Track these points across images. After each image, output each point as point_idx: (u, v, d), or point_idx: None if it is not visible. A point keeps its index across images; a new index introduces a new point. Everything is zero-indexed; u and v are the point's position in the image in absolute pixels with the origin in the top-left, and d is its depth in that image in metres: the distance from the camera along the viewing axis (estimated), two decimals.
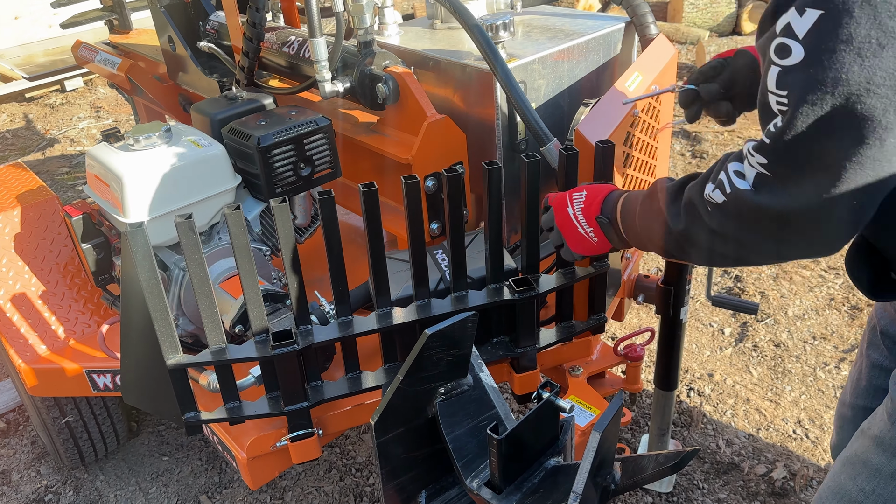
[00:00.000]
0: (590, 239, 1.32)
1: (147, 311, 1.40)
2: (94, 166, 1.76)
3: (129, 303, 1.44)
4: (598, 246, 1.33)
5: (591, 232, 1.31)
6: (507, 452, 1.16)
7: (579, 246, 1.35)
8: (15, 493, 2.43)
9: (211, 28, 2.60)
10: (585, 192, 1.34)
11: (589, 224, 1.31)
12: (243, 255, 1.41)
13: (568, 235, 1.35)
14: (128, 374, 1.58)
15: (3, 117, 5.91)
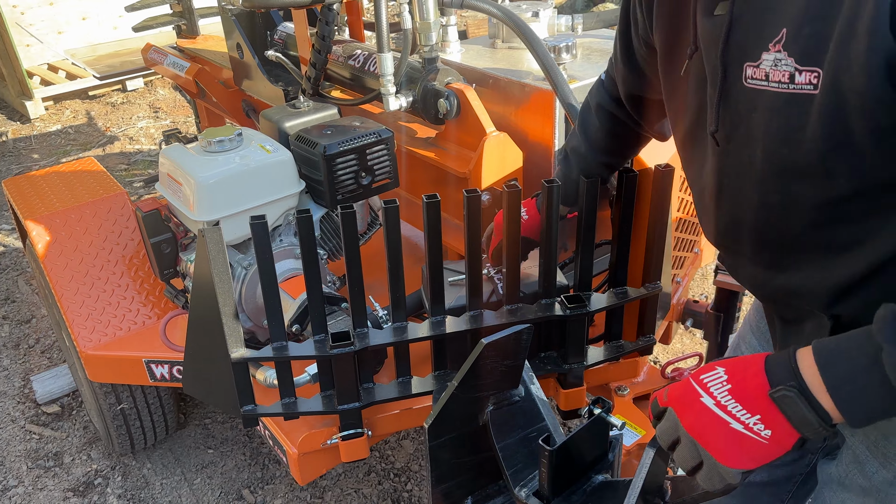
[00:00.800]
0: (756, 436, 0.85)
1: (215, 306, 1.46)
2: (167, 165, 1.84)
3: (199, 297, 1.51)
4: (772, 443, 0.85)
5: (759, 421, 0.85)
6: (557, 464, 1.19)
7: (738, 452, 0.87)
8: (66, 474, 2.53)
9: (278, 38, 2.70)
10: (723, 369, 0.90)
11: (752, 410, 0.85)
12: (310, 258, 1.46)
13: (713, 440, 0.88)
14: (190, 364, 1.65)
15: (67, 113, 6.13)
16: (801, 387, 0.82)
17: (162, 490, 2.43)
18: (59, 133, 5.78)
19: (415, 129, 2.24)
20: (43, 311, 3.47)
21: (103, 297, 2.08)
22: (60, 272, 2.06)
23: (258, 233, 1.41)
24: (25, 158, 5.38)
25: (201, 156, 1.81)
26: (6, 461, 2.60)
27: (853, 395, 0.78)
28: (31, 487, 2.49)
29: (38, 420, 2.79)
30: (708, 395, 0.88)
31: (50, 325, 3.35)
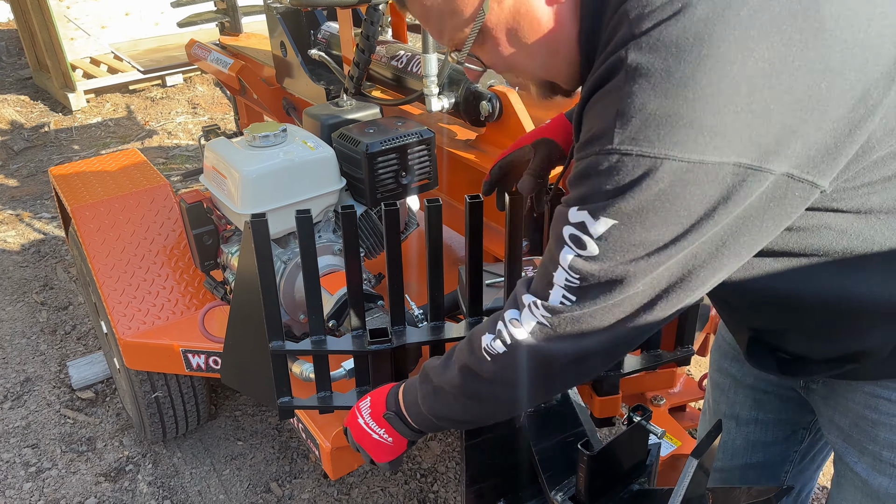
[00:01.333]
0: (385, 441, 1.24)
1: (257, 297, 1.48)
2: (212, 158, 1.87)
3: (242, 288, 1.53)
4: (395, 445, 1.25)
5: (384, 433, 1.24)
6: (595, 470, 1.18)
7: (380, 452, 1.26)
8: (99, 459, 2.57)
9: (322, 37, 2.72)
10: (370, 398, 1.30)
11: (379, 425, 1.24)
12: (352, 253, 1.47)
13: (367, 446, 1.26)
14: (229, 355, 1.67)
15: (108, 106, 6.25)
16: (398, 410, 1.22)
17: (191, 479, 2.46)
18: (100, 125, 5.89)
19: (454, 131, 2.24)
20: (80, 298, 3.54)
21: (143, 285, 2.11)
22: (103, 260, 2.10)
23: (303, 226, 1.42)
24: (66, 149, 5.49)
25: (246, 150, 1.83)
26: (41, 443, 2.65)
27: (415, 415, 1.19)
28: (64, 470, 2.53)
29: (73, 405, 2.84)
30: (361, 417, 1.28)
31: (86, 312, 3.42)
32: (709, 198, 0.77)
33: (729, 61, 0.74)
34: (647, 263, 0.82)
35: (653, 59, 0.76)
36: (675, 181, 0.76)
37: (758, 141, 0.76)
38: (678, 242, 0.81)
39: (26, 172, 5.11)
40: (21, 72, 7.27)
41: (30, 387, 2.96)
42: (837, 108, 0.77)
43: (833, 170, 0.80)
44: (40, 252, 4.02)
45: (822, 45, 0.76)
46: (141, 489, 2.44)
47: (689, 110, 0.74)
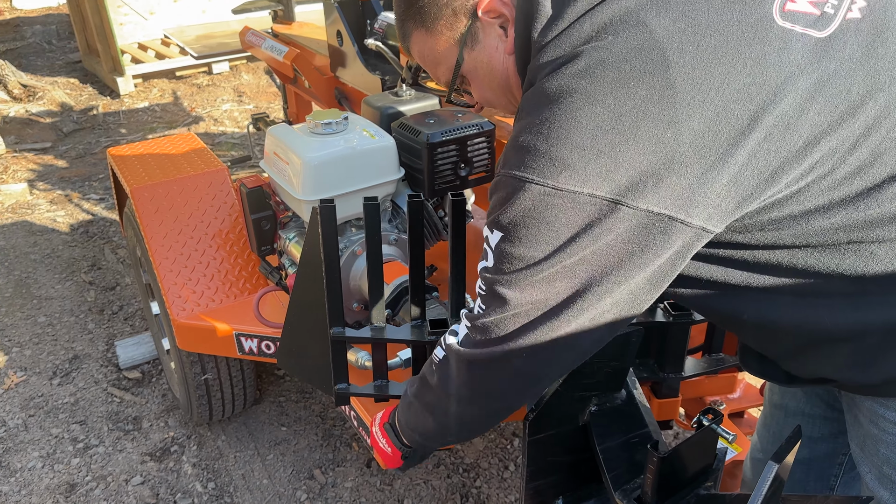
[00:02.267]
0: (386, 450, 1.37)
1: (320, 283, 1.48)
2: (274, 144, 1.88)
3: (305, 273, 1.53)
4: (393, 456, 1.37)
5: (385, 442, 1.36)
6: (664, 472, 1.16)
7: (383, 459, 1.39)
8: (145, 439, 2.61)
9: (379, 27, 2.72)
10: (381, 413, 1.42)
11: (382, 434, 1.38)
12: (417, 241, 1.47)
13: (376, 452, 1.41)
14: (287, 340, 1.67)
15: (155, 91, 6.34)
16: (392, 423, 1.35)
17: (235, 463, 2.48)
18: (147, 110, 5.98)
19: (509, 124, 2.23)
20: (127, 279, 3.60)
21: (199, 268, 2.13)
22: (160, 241, 2.12)
23: (370, 213, 1.42)
24: (114, 133, 5.58)
25: (308, 137, 1.83)
26: (88, 420, 2.70)
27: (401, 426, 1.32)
28: (111, 448, 2.57)
29: (120, 384, 2.89)
30: (376, 424, 1.41)
31: (133, 293, 3.47)
32: (571, 222, 0.90)
33: (578, 108, 0.89)
34: (526, 277, 0.94)
35: (528, 104, 0.95)
36: (538, 202, 0.90)
37: (608, 176, 0.87)
38: (550, 260, 0.92)
39: (75, 154, 5.20)
40: (71, 55, 7.41)
41: (78, 364, 3.01)
42: (686, 154, 0.86)
43: (697, 209, 0.88)
44: (89, 232, 4.09)
45: (667, 101, 0.87)
46: (185, 470, 2.47)
47: (545, 144, 0.90)
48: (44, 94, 6.19)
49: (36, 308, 3.40)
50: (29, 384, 2.90)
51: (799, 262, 0.97)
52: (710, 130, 0.87)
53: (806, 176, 0.91)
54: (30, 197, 4.54)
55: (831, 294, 0.98)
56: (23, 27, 8.21)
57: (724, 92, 0.87)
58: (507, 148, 0.96)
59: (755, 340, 1.14)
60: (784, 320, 1.02)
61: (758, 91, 0.88)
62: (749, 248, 0.97)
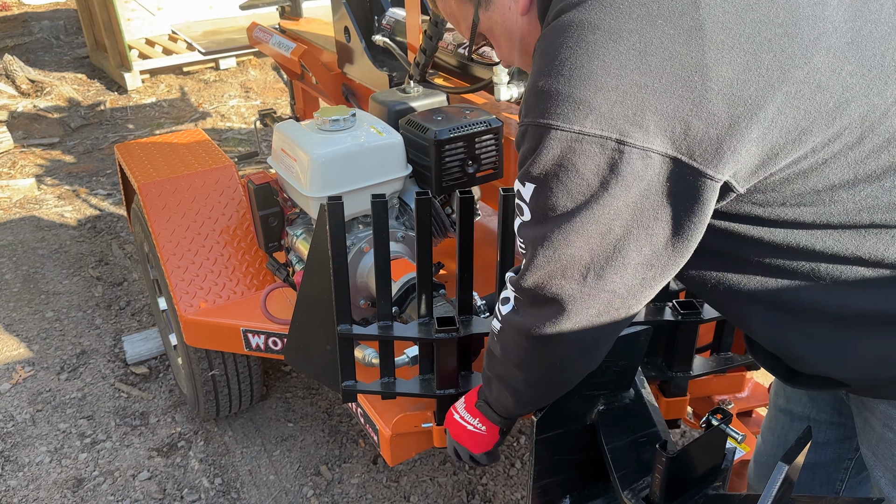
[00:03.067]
0: (479, 431, 1.32)
1: (327, 280, 1.48)
2: (281, 140, 1.88)
3: (313, 269, 1.53)
4: (488, 434, 1.32)
5: (478, 422, 1.32)
6: (673, 471, 1.15)
7: (475, 443, 1.34)
8: (152, 434, 2.61)
9: (386, 24, 2.71)
10: (464, 396, 1.38)
11: (473, 416, 1.32)
12: (424, 239, 1.46)
13: (464, 440, 1.34)
14: (294, 336, 1.67)
15: (162, 87, 6.35)
16: (487, 398, 1.28)
17: (242, 458, 2.49)
18: (154, 106, 5.99)
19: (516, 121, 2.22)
20: (135, 274, 3.61)
21: (206, 264, 2.13)
22: (167, 237, 2.13)
23: (378, 211, 1.42)
24: (121, 128, 5.59)
25: (316, 133, 1.83)
26: (96, 415, 2.71)
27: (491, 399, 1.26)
28: (118, 443, 2.58)
29: (127, 380, 2.89)
30: (457, 413, 1.36)
31: (141, 288, 3.48)
32: (600, 170, 0.86)
33: (601, 45, 0.84)
34: (561, 230, 0.90)
35: (545, 44, 0.90)
36: (566, 149, 0.86)
37: (635, 120, 0.83)
38: (584, 212, 0.88)
39: (83, 149, 5.21)
40: (78, 50, 7.42)
41: (85, 359, 3.02)
42: (714, 102, 0.83)
43: (725, 163, 0.84)
44: (96, 228, 4.10)
45: (696, 42, 0.83)
46: (192, 465, 2.47)
47: (567, 87, 0.85)
48: (51, 89, 6.20)
49: (43, 303, 3.41)
50: (37, 379, 2.91)
51: (818, 243, 0.93)
52: (740, 79, 0.83)
53: (833, 142, 0.87)
54: (37, 192, 4.55)
55: (848, 280, 0.94)
56: (31, 22, 8.23)
57: (755, 40, 0.84)
58: (527, 93, 0.92)
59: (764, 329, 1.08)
60: (797, 305, 0.99)
61: (790, 43, 0.84)
62: (768, 226, 0.93)
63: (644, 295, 0.95)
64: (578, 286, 0.93)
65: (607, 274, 0.92)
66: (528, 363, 1.08)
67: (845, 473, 1.43)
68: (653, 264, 0.92)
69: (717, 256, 0.99)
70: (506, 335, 1.09)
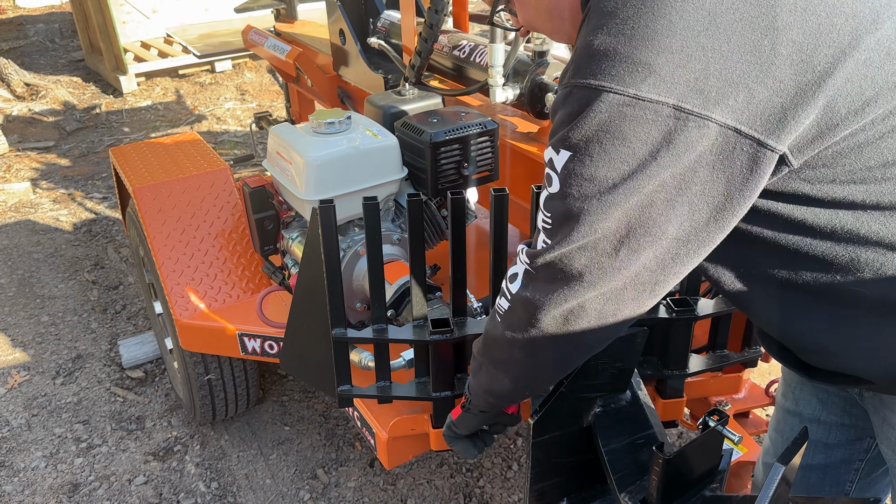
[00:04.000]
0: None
1: (321, 284, 1.48)
2: (276, 143, 1.87)
3: (306, 273, 1.53)
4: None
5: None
6: (670, 473, 1.15)
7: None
8: (148, 438, 2.60)
9: (381, 26, 2.71)
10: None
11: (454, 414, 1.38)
12: (417, 241, 1.46)
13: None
14: (290, 341, 1.67)
15: (158, 90, 6.34)
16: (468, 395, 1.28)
17: (238, 462, 2.48)
18: (149, 109, 5.98)
19: (515, 123, 2.22)
20: (130, 278, 3.60)
21: (202, 268, 2.13)
22: (163, 241, 2.12)
23: (370, 214, 1.42)
24: (117, 131, 5.58)
25: (311, 136, 1.82)
26: (92, 420, 2.70)
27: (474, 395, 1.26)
28: (114, 448, 2.57)
29: (123, 384, 2.88)
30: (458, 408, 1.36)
31: (136, 292, 3.47)
32: (651, 138, 0.80)
33: (668, 4, 0.79)
34: (599, 202, 0.85)
35: (605, 2, 0.84)
36: (615, 114, 0.81)
37: (696, 86, 0.79)
38: (627, 183, 0.83)
39: (78, 153, 5.20)
40: (73, 54, 7.41)
41: (81, 364, 3.01)
42: (782, 68, 0.79)
43: (786, 134, 0.80)
44: (91, 231, 4.09)
45: (768, 4, 0.79)
46: (189, 470, 2.47)
47: (627, 47, 0.80)
48: (47, 92, 6.19)
49: (39, 307, 3.40)
50: (32, 384, 2.90)
51: (863, 227, 0.88)
52: (811, 44, 0.79)
53: (893, 114, 0.84)
54: (33, 196, 4.54)
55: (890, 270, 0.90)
56: (26, 26, 8.21)
57: (827, 2, 0.80)
58: (578, 53, 0.85)
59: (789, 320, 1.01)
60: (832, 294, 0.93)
61: (861, 7, 0.81)
62: (814, 205, 0.88)
63: (674, 273, 0.90)
64: (609, 260, 0.88)
65: (642, 247, 0.87)
66: (539, 343, 1.00)
67: (856, 474, 1.42)
68: (690, 240, 0.87)
69: (751, 241, 0.94)
70: (515, 313, 1.01)
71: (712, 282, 1.04)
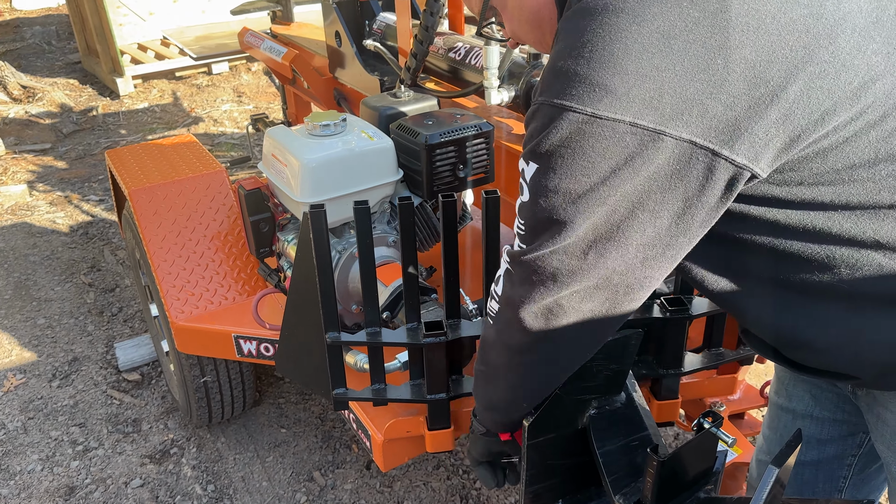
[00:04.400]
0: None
1: (314, 288, 1.48)
2: (272, 146, 1.87)
3: (299, 278, 1.53)
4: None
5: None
6: (664, 475, 1.15)
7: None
8: (144, 441, 2.60)
9: (377, 28, 2.71)
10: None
11: None
12: (409, 244, 1.46)
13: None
14: (285, 345, 1.67)
15: (154, 92, 6.33)
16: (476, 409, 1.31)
17: (235, 465, 2.48)
18: (146, 111, 5.97)
19: (511, 125, 2.22)
20: (127, 281, 3.59)
21: (197, 270, 2.13)
22: (158, 243, 2.12)
23: (361, 218, 1.41)
24: (113, 133, 5.57)
25: (306, 138, 1.83)
26: (88, 423, 2.70)
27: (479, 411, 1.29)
28: (110, 451, 2.57)
29: (119, 386, 2.88)
30: None
31: (133, 294, 3.46)
32: (610, 153, 0.85)
33: (624, 29, 0.84)
34: (565, 212, 0.90)
35: (568, 26, 0.90)
36: (576, 130, 0.86)
37: (651, 104, 0.83)
38: (589, 195, 0.88)
39: (74, 155, 5.20)
40: (70, 56, 7.40)
41: (77, 366, 3.00)
42: (735, 84, 0.82)
43: (741, 144, 0.84)
44: (88, 234, 4.09)
45: (720, 25, 0.83)
46: (185, 472, 2.46)
47: (586, 69, 0.85)
48: (43, 95, 6.18)
49: (35, 310, 3.39)
50: (28, 386, 2.90)
51: (835, 226, 0.91)
52: (763, 61, 0.83)
53: (855, 121, 0.87)
54: (29, 198, 4.54)
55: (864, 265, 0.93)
56: (22, 28, 8.21)
57: (780, 21, 0.84)
58: (545, 73, 0.92)
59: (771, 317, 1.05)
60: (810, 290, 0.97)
61: (815, 24, 0.84)
62: (784, 207, 0.92)
63: (646, 276, 0.94)
64: (578, 262, 0.92)
65: (609, 252, 0.91)
66: (528, 342, 1.03)
67: (849, 470, 1.42)
68: (655, 245, 0.91)
69: (728, 242, 0.98)
70: (503, 314, 1.05)
71: (695, 283, 1.07)
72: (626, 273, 0.93)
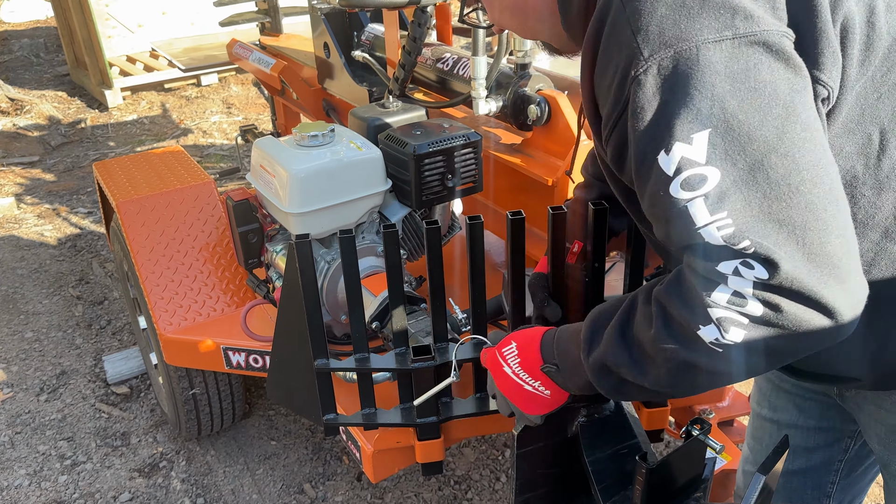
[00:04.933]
0: (542, 394, 1.12)
1: (302, 317, 1.46)
2: (260, 156, 1.87)
3: (287, 306, 1.51)
4: (552, 399, 1.12)
5: (541, 386, 1.11)
6: (653, 483, 1.15)
7: (534, 406, 1.14)
8: (133, 454, 2.58)
9: (365, 39, 2.72)
10: (515, 344, 1.15)
11: (534, 378, 1.11)
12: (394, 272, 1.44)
13: (517, 399, 1.14)
14: (275, 371, 1.66)
15: (143, 104, 6.32)
16: (560, 364, 1.07)
17: (225, 478, 2.46)
18: (135, 123, 5.96)
19: (499, 135, 2.23)
20: (115, 293, 3.57)
21: (185, 282, 2.12)
22: (146, 255, 2.11)
23: (346, 248, 1.39)
24: (102, 145, 5.56)
25: (294, 149, 1.83)
26: (76, 437, 2.67)
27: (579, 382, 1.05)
28: (98, 465, 2.55)
29: (108, 399, 2.86)
30: (507, 366, 1.14)
31: (121, 307, 3.44)
32: (774, 67, 0.76)
33: None
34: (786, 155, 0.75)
35: None
36: (728, 62, 0.75)
37: (773, 4, 0.79)
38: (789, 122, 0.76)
39: (63, 168, 5.18)
40: (59, 68, 7.38)
41: (65, 380, 2.98)
42: None
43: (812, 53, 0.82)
44: (76, 246, 4.07)
45: None
46: (174, 486, 2.44)
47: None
48: (31, 107, 6.16)
49: (23, 323, 3.37)
50: (16, 401, 2.87)
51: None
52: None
53: None
54: (17, 211, 4.51)
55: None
56: (10, 40, 8.18)
57: None
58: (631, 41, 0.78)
59: None
60: None
61: None
62: None
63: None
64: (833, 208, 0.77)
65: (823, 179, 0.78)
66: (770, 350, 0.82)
67: (836, 475, 1.43)
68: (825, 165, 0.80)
69: None
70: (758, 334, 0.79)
71: None
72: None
